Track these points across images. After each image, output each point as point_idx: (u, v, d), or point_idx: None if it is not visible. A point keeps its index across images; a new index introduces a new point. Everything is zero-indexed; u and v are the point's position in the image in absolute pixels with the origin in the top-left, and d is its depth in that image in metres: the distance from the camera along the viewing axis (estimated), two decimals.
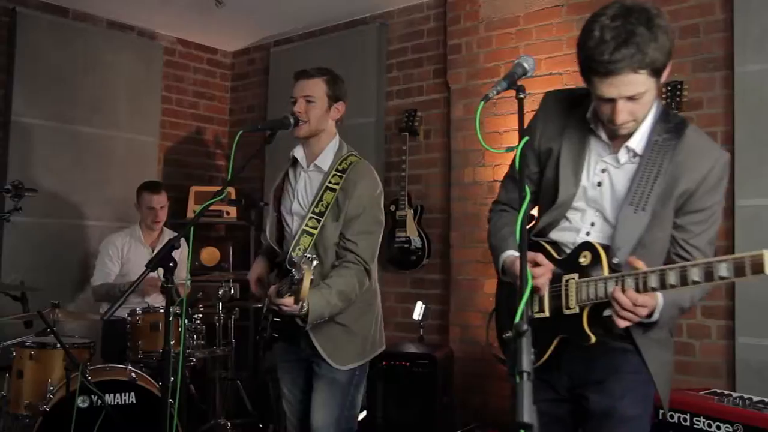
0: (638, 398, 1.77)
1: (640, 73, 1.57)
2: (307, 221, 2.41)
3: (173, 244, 2.14)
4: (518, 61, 1.74)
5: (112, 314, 2.04)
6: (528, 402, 1.22)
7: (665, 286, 1.55)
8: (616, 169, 1.78)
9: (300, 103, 2.45)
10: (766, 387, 3.19)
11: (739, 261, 1.46)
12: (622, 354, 1.77)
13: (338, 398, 2.43)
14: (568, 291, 1.75)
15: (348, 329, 2.43)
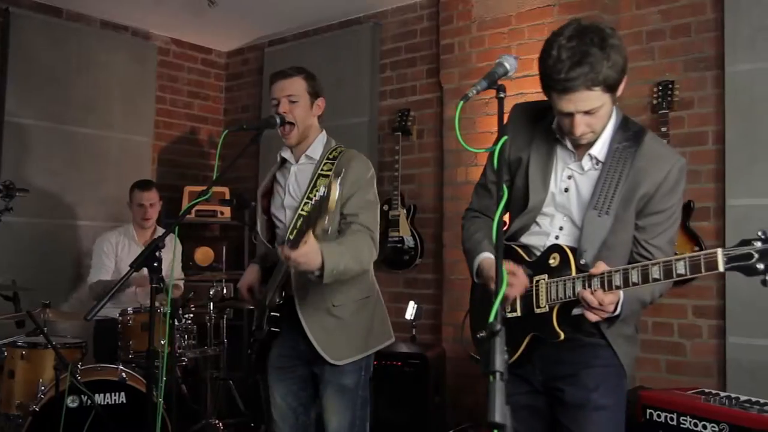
0: (610, 388, 1.85)
1: (594, 90, 1.67)
2: (302, 206, 2.38)
3: (158, 244, 2.15)
4: (499, 61, 1.77)
5: (95, 314, 2.03)
6: (500, 401, 1.22)
7: (628, 284, 1.65)
8: (581, 175, 1.87)
9: (283, 104, 2.44)
10: (756, 386, 3.19)
11: (694, 259, 1.53)
12: (592, 349, 1.86)
13: (349, 402, 2.40)
14: (538, 291, 1.83)
15: (343, 322, 2.37)
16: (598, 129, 1.79)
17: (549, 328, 1.80)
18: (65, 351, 3.34)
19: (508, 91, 4.32)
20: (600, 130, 1.80)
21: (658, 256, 1.79)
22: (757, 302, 3.28)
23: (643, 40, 3.83)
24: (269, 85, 2.52)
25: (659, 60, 3.77)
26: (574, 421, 1.87)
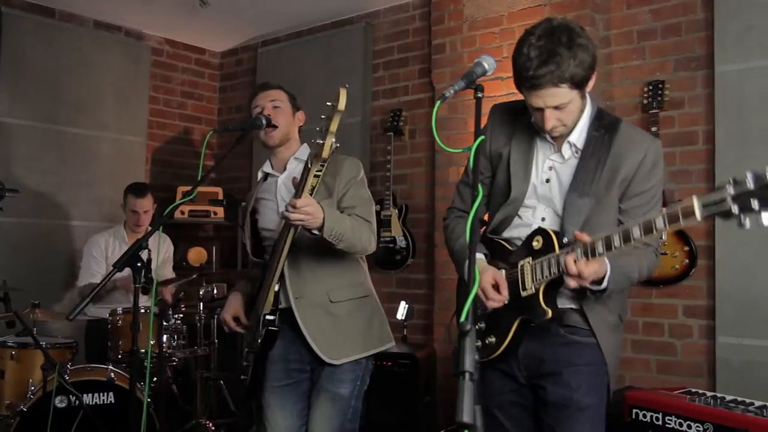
0: (593, 387, 1.88)
1: (561, 87, 1.75)
2: None
3: (141, 244, 2.14)
4: (478, 61, 1.82)
5: (77, 314, 2.03)
6: (468, 401, 1.21)
7: (611, 248, 1.66)
8: (562, 164, 1.92)
9: (267, 107, 2.45)
10: (746, 386, 3.19)
11: (672, 211, 1.55)
12: (576, 347, 1.88)
13: (340, 412, 2.34)
14: (523, 274, 1.86)
15: (340, 320, 2.34)
16: (569, 123, 1.85)
17: (536, 308, 1.81)
18: (55, 351, 3.34)
19: (499, 91, 4.33)
20: (571, 123, 1.86)
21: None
22: (746, 302, 3.29)
23: (634, 40, 3.82)
24: (250, 99, 2.52)
25: (650, 59, 3.77)
26: (557, 421, 1.89)
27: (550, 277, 1.79)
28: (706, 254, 3.48)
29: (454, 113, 4.28)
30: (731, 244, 3.36)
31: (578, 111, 1.85)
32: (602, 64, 3.90)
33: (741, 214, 1.41)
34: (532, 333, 1.90)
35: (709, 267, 3.46)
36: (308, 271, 2.34)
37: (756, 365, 3.23)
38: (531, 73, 1.74)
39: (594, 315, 1.88)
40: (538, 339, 1.90)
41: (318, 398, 2.35)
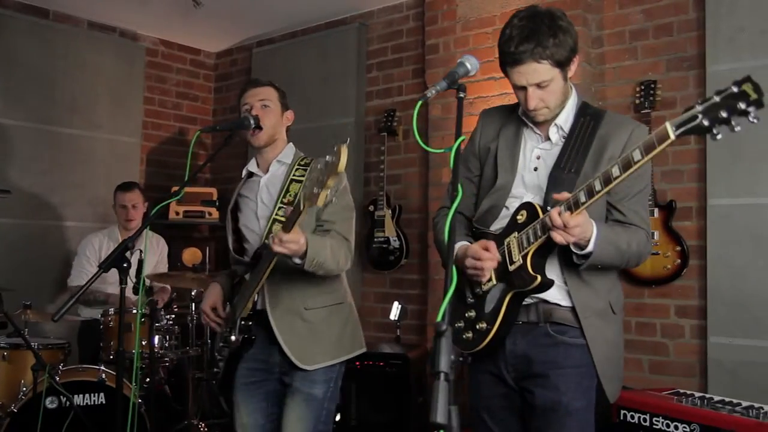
0: (582, 390, 1.85)
1: (542, 63, 1.79)
2: (277, 211, 2.36)
3: (127, 244, 2.14)
4: (461, 61, 1.84)
5: (61, 316, 2.04)
6: (443, 402, 1.21)
7: (593, 194, 1.67)
8: (549, 151, 1.93)
9: (256, 107, 2.44)
10: (737, 386, 3.19)
11: (647, 141, 1.58)
12: (564, 348, 1.86)
13: (313, 413, 2.34)
14: (510, 249, 1.85)
15: (314, 327, 2.34)
16: (552, 104, 1.86)
17: (524, 276, 1.80)
18: (47, 352, 3.34)
19: (491, 91, 4.34)
20: (554, 106, 1.87)
21: (633, 219, 1.85)
22: (738, 302, 3.29)
23: (626, 40, 3.82)
24: (240, 95, 2.51)
25: (642, 59, 3.77)
26: (545, 425, 1.87)
27: (534, 242, 1.78)
28: (698, 254, 3.48)
29: (448, 114, 4.28)
30: (722, 244, 3.36)
31: (561, 93, 1.86)
32: (595, 64, 3.90)
33: (712, 126, 1.47)
34: (521, 331, 1.89)
35: (701, 267, 3.46)
36: (285, 279, 2.33)
37: (747, 365, 3.23)
38: (512, 49, 1.80)
39: (580, 298, 1.85)
40: (527, 339, 1.88)
41: (292, 400, 2.34)
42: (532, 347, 1.89)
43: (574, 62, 1.86)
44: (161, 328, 3.50)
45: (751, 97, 1.43)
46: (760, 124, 3.52)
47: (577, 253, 1.77)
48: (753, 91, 1.44)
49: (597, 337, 1.86)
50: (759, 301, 3.22)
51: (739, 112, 1.45)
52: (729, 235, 3.34)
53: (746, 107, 1.44)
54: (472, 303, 1.94)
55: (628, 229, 1.85)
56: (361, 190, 4.75)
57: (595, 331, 1.86)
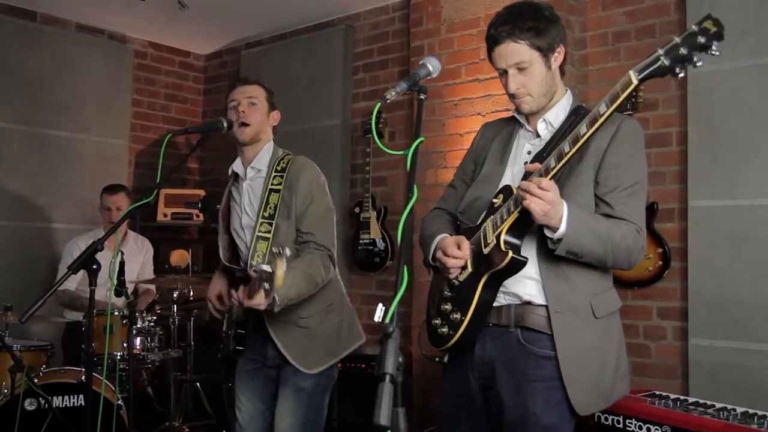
0: (550, 406, 1.75)
1: (520, 43, 1.80)
2: (259, 227, 2.39)
3: (96, 247, 2.14)
4: (422, 62, 1.84)
5: (29, 317, 2.03)
6: (387, 404, 1.21)
7: (562, 156, 1.65)
8: (539, 147, 1.89)
9: (243, 104, 2.46)
10: (718, 388, 3.19)
11: (612, 91, 1.60)
12: (534, 360, 1.78)
13: (304, 404, 2.40)
14: (486, 233, 1.80)
15: (311, 332, 2.40)
16: (534, 91, 1.85)
17: (497, 254, 1.73)
18: (30, 354, 3.34)
19: (476, 92, 4.32)
20: (537, 93, 1.85)
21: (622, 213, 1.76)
22: (718, 304, 3.28)
23: (609, 42, 3.83)
24: (228, 91, 2.53)
25: (625, 61, 3.77)
26: None
27: (507, 218, 1.73)
28: (680, 256, 3.48)
29: (432, 115, 4.28)
30: (703, 246, 3.36)
31: (544, 81, 1.84)
32: (578, 66, 3.90)
33: (674, 66, 1.48)
34: (491, 334, 1.83)
35: (683, 269, 3.46)
36: None
37: (727, 367, 3.22)
38: (492, 31, 1.84)
39: (553, 290, 1.76)
40: (496, 345, 1.82)
41: (283, 392, 2.42)
42: (500, 355, 1.82)
43: (559, 53, 1.85)
44: (143, 329, 3.50)
45: (711, 30, 1.45)
46: (740, 127, 3.51)
47: (552, 238, 1.69)
48: (713, 25, 1.46)
49: (567, 336, 1.75)
50: (739, 302, 3.22)
51: (699, 47, 1.45)
52: (710, 237, 3.34)
53: (706, 41, 1.45)
54: (448, 296, 1.88)
55: (612, 219, 1.75)
56: (347, 191, 4.75)
57: (566, 330, 1.75)
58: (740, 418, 2.24)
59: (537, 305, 1.79)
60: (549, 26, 1.82)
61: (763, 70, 3.22)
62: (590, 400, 1.79)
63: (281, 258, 1.94)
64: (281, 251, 1.96)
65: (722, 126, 3.33)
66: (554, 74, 1.88)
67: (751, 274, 3.20)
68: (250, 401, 2.51)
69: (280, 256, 1.94)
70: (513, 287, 1.81)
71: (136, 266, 4.22)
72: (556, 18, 1.86)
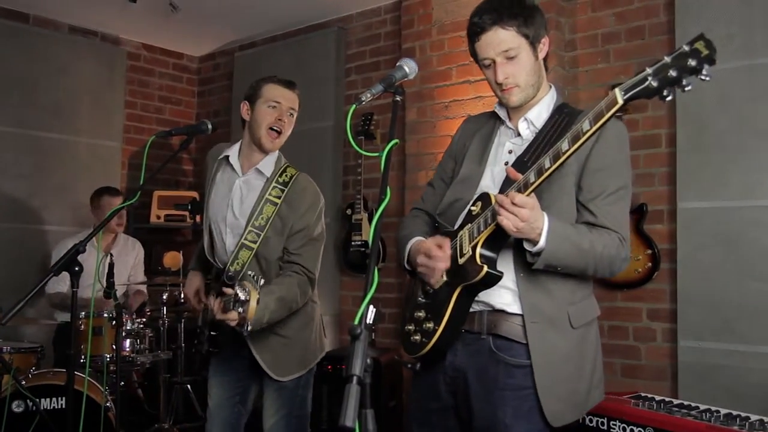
0: (521, 415, 1.71)
1: (508, 30, 1.74)
2: (246, 235, 2.36)
3: (78, 248, 2.15)
4: (399, 64, 1.83)
5: (9, 318, 2.03)
6: (353, 406, 1.21)
7: (542, 172, 1.57)
8: (520, 146, 1.84)
9: (284, 111, 2.42)
10: (706, 389, 3.19)
11: (596, 109, 1.50)
12: (505, 368, 1.73)
13: (288, 400, 2.44)
14: (462, 242, 1.74)
15: (288, 341, 2.41)
16: (522, 81, 1.78)
17: (472, 267, 1.68)
18: (20, 355, 3.34)
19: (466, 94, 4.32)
20: (525, 84, 1.79)
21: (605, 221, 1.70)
22: (707, 305, 3.28)
23: (599, 43, 3.83)
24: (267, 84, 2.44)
25: (614, 62, 3.77)
26: None
27: (484, 230, 1.66)
28: (669, 257, 3.47)
29: (423, 117, 4.28)
30: (692, 247, 3.36)
31: (532, 71, 1.79)
32: (568, 68, 3.91)
33: (662, 87, 1.39)
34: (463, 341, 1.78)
35: (672, 270, 3.46)
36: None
37: (716, 368, 3.22)
38: (476, 19, 1.77)
39: (529, 299, 1.71)
40: (467, 351, 1.78)
41: (267, 389, 2.45)
42: (470, 361, 1.77)
43: (544, 44, 1.81)
44: (132, 331, 3.50)
45: (703, 53, 1.35)
46: (728, 128, 3.50)
47: (530, 251, 1.63)
48: (705, 47, 1.36)
49: (543, 347, 1.70)
50: (728, 304, 3.22)
51: (689, 70, 1.36)
52: (698, 239, 3.34)
53: (697, 64, 1.35)
54: (422, 303, 1.83)
55: (595, 230, 1.69)
56: (339, 193, 4.76)
57: (542, 341, 1.70)
58: (722, 420, 2.24)
59: (511, 314, 1.74)
60: (534, 14, 1.78)
61: (751, 71, 3.22)
62: (564, 410, 1.74)
63: (255, 288, 1.97)
64: (257, 280, 1.99)
65: (711, 127, 3.33)
66: (540, 65, 1.82)
67: (740, 275, 3.20)
68: (220, 388, 2.52)
69: (254, 285, 1.97)
70: (486, 296, 1.75)
71: (126, 268, 4.22)
72: (538, 8, 1.82)
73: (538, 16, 1.79)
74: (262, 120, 2.40)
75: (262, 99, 2.41)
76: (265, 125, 2.40)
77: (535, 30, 1.77)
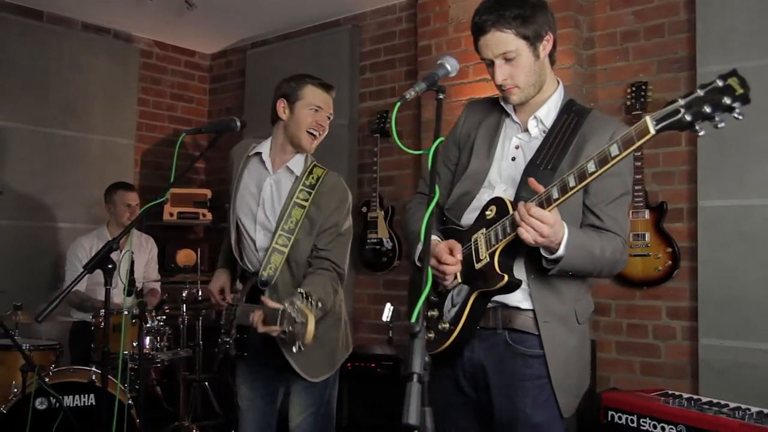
0: (539, 404, 1.76)
1: (506, 33, 1.75)
2: (277, 239, 2.37)
3: (111, 246, 2.13)
4: (441, 62, 1.82)
5: (46, 316, 2.03)
6: (415, 403, 1.20)
7: (567, 190, 1.59)
8: (528, 143, 1.86)
9: (324, 116, 2.44)
10: (728, 387, 3.19)
11: (626, 135, 1.50)
12: (522, 359, 1.78)
13: (316, 399, 2.45)
14: (477, 247, 1.77)
15: (320, 341, 2.33)
16: (521, 82, 1.79)
17: (491, 275, 1.71)
18: (39, 353, 3.34)
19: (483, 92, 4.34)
20: (524, 84, 1.79)
21: (610, 225, 1.76)
22: (728, 304, 3.28)
23: (618, 41, 3.83)
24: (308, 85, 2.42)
25: (633, 61, 3.77)
26: None
27: (503, 239, 1.69)
28: (689, 256, 3.48)
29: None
30: (713, 246, 3.36)
31: (532, 72, 1.79)
32: (586, 66, 3.90)
33: (695, 122, 1.39)
34: (479, 337, 1.82)
35: (692, 269, 3.46)
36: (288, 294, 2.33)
37: (738, 367, 3.23)
38: (477, 18, 1.79)
39: (541, 300, 1.76)
40: (484, 347, 1.82)
41: (295, 388, 2.46)
42: (488, 356, 1.81)
43: (547, 41, 1.80)
44: (152, 329, 3.50)
45: (737, 91, 1.35)
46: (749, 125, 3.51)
47: (547, 257, 1.68)
48: (739, 85, 1.35)
49: (555, 343, 1.77)
50: (749, 302, 3.22)
51: (723, 108, 1.36)
52: (720, 237, 3.34)
53: (731, 102, 1.35)
54: (434, 302, 1.86)
55: (603, 236, 1.76)
56: (354, 191, 4.75)
57: (554, 338, 1.77)
58: (756, 418, 2.24)
59: (524, 309, 1.79)
60: (536, 13, 1.76)
61: None
62: (573, 402, 1.82)
63: (310, 311, 1.93)
64: (309, 299, 1.97)
65: (732, 125, 3.31)
66: (543, 63, 1.82)
67: (762, 273, 3.20)
68: (250, 389, 2.52)
69: (308, 306, 1.94)
70: (499, 296, 1.79)
71: (140, 265, 4.22)
72: (543, 4, 1.80)
73: (540, 15, 1.77)
74: (302, 122, 2.40)
75: (304, 101, 2.41)
76: (305, 128, 2.40)
77: (535, 29, 1.76)
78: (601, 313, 3.73)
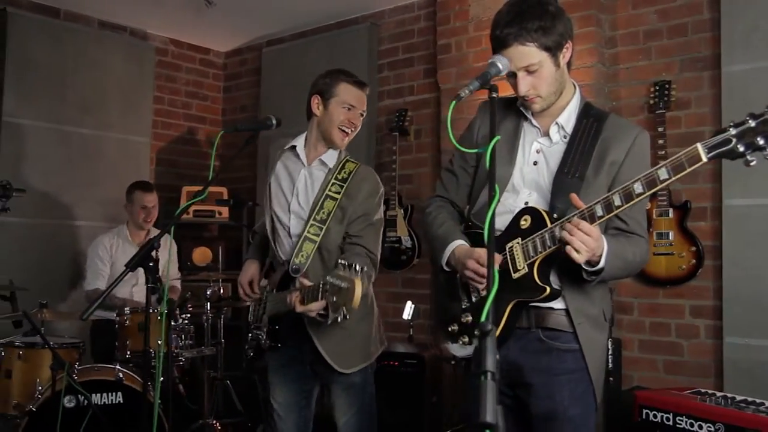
0: (576, 397, 1.82)
1: (528, 46, 1.76)
2: (309, 228, 2.40)
3: (153, 244, 2.14)
4: (492, 61, 1.82)
5: (90, 314, 2.03)
6: (492, 401, 1.21)
7: (612, 209, 1.62)
8: (549, 148, 1.89)
9: (358, 114, 2.45)
10: (753, 386, 3.19)
11: (676, 161, 1.52)
12: (557, 354, 1.83)
13: (358, 398, 2.47)
14: (513, 256, 1.79)
15: (350, 332, 2.41)
16: (544, 92, 1.82)
17: (531, 286, 1.75)
18: (63, 351, 3.34)
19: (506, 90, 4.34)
20: (546, 94, 1.82)
21: (635, 227, 1.81)
22: (754, 302, 3.29)
23: (640, 40, 3.83)
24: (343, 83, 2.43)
25: (656, 60, 3.77)
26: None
27: (544, 252, 1.72)
28: (713, 254, 3.49)
29: (460, 113, 4.24)
30: (738, 245, 3.37)
31: (554, 80, 1.82)
32: (608, 65, 3.91)
33: (747, 152, 1.43)
34: (513, 336, 1.84)
35: (716, 267, 3.47)
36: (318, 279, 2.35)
37: (763, 365, 3.23)
38: (498, 32, 1.79)
39: (575, 303, 1.81)
40: (518, 345, 1.84)
41: (334, 391, 2.48)
42: (523, 354, 1.85)
43: (566, 49, 1.82)
44: (177, 327, 3.51)
45: None
46: None
47: (588, 270, 1.71)
48: None
49: (590, 343, 1.83)
50: None
51: None
52: (744, 236, 3.35)
53: None
54: (468, 307, 1.91)
55: (631, 239, 1.81)
56: None
57: (589, 337, 1.83)
58: None
59: (557, 309, 1.84)
60: (555, 23, 1.78)
61: None
62: (600, 395, 1.88)
63: (357, 276, 1.90)
64: (352, 267, 1.93)
65: None
66: (563, 71, 1.85)
67: None
68: (286, 395, 2.53)
69: (356, 273, 1.90)
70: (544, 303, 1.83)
71: (162, 262, 4.21)
72: (561, 12, 1.81)
73: (559, 24, 1.78)
74: (335, 119, 2.43)
75: (338, 99, 2.43)
76: (337, 125, 2.43)
77: (556, 39, 1.78)
78: (624, 312, 3.74)
